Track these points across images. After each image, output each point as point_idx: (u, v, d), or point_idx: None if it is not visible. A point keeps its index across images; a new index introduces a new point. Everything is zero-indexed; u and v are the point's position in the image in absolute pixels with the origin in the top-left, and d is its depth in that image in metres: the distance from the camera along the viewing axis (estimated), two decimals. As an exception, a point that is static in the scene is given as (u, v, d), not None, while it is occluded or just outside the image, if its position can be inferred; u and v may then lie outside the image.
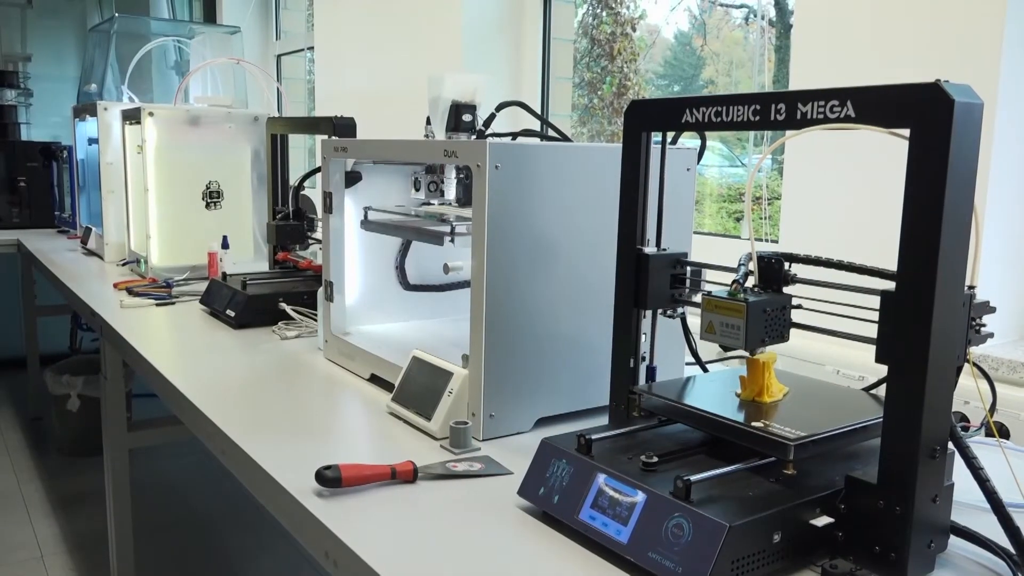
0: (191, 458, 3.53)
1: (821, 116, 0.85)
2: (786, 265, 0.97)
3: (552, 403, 1.28)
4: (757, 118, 0.92)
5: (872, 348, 0.82)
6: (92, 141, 3.13)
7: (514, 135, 1.54)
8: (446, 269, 1.31)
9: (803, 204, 1.78)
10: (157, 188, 2.48)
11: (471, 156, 1.16)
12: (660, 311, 1.12)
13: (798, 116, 0.87)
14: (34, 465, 3.63)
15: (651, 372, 1.14)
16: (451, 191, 1.37)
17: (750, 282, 0.96)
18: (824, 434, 0.88)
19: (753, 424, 0.90)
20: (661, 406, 1.03)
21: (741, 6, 2.72)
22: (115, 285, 2.36)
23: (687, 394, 1.06)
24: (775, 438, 0.87)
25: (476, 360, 1.20)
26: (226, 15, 4.62)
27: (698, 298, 1.13)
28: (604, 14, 3.19)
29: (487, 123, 1.30)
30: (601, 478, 0.90)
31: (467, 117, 1.32)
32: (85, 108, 3.09)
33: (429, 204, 1.70)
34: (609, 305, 1.31)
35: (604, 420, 1.30)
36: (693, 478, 0.82)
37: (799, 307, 0.96)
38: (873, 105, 0.80)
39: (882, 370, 0.81)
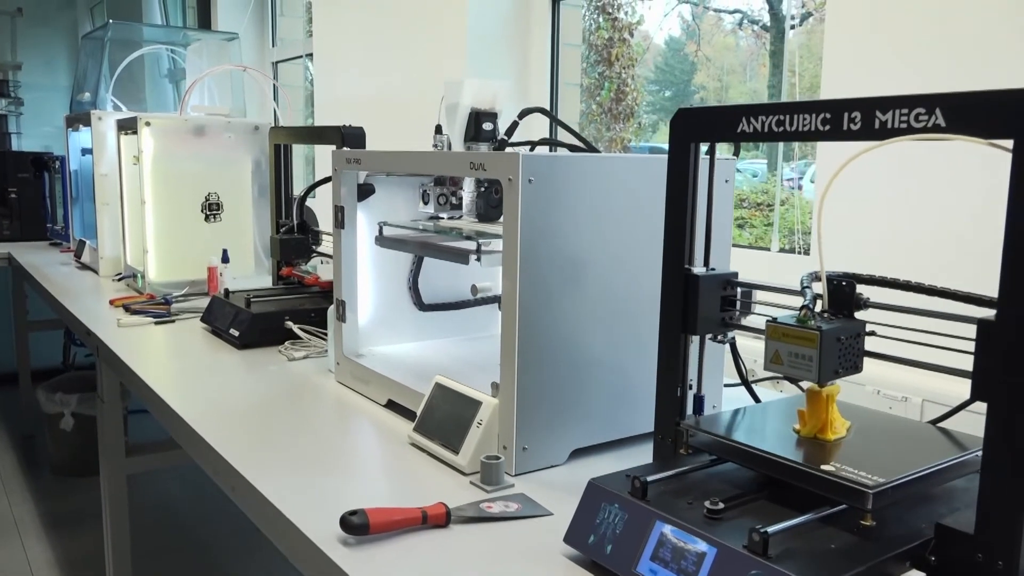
0: (190, 477, 3.43)
1: (904, 126, 0.77)
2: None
3: (587, 433, 1.19)
4: (827, 128, 0.83)
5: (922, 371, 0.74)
6: (86, 151, 3.03)
7: (532, 144, 1.45)
8: (474, 291, 1.22)
9: (838, 216, 1.70)
10: (154, 200, 2.39)
11: (501, 169, 1.08)
12: (709, 336, 1.04)
13: (876, 126, 0.79)
14: (26, 486, 3.52)
15: (698, 402, 1.05)
16: (468, 204, 1.28)
17: (817, 306, 0.88)
18: (904, 479, 0.80)
19: (823, 468, 0.82)
20: (714, 444, 0.94)
21: (735, 11, 2.68)
22: (111, 302, 2.27)
23: (740, 429, 0.98)
24: (851, 485, 0.78)
25: (508, 388, 1.11)
26: (221, 22, 4.53)
27: (748, 321, 1.06)
28: (601, 20, 3.13)
29: (509, 132, 1.22)
30: (662, 527, 0.81)
31: (488, 126, 1.23)
32: (78, 117, 3.00)
33: (439, 218, 1.61)
34: (645, 327, 1.22)
35: (640, 451, 1.22)
36: (770, 530, 0.74)
37: (872, 334, 0.88)
38: (968, 113, 0.72)
39: (932, 391, 0.73)
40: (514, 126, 1.22)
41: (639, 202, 1.19)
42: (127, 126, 2.48)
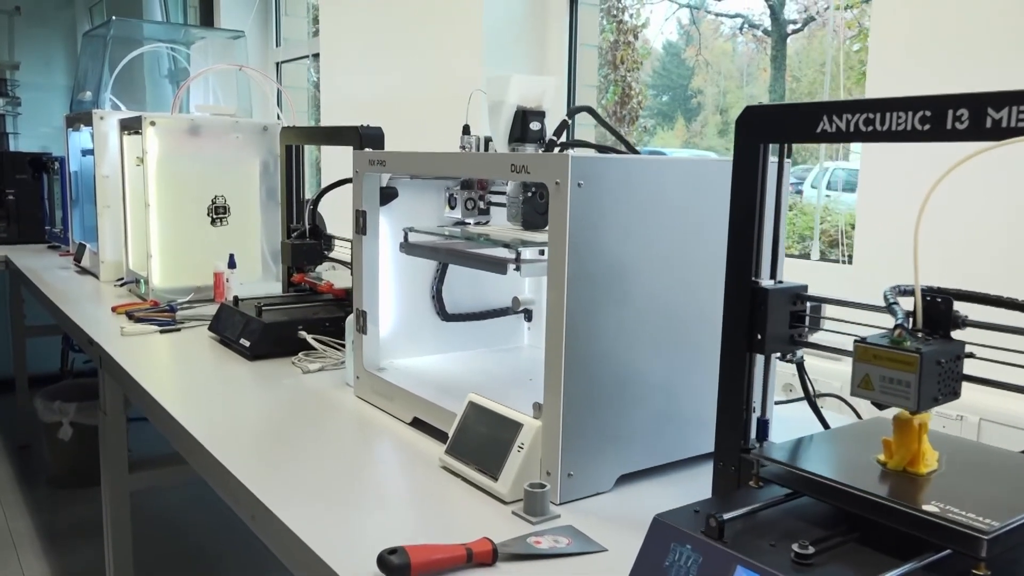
0: (194, 488, 3.33)
1: None
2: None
3: (634, 457, 1.10)
4: (926, 127, 0.75)
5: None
6: (86, 152, 2.94)
7: (564, 145, 1.36)
8: (516, 304, 1.14)
9: (881, 223, 1.61)
10: (159, 203, 2.30)
11: (548, 172, 0.99)
12: (776, 355, 0.95)
13: (988, 125, 0.70)
14: (22, 498, 3.41)
15: (763, 426, 0.97)
16: (513, 211, 1.18)
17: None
18: (1022, 522, 0.71)
19: (926, 509, 0.73)
20: (792, 477, 0.85)
21: (736, 15, 2.63)
22: (114, 309, 2.18)
23: (816, 459, 0.89)
24: (962, 529, 0.69)
25: (552, 410, 1.02)
26: (224, 21, 4.44)
27: (816, 338, 0.97)
28: (606, 22, 3.07)
29: (558, 132, 1.13)
30: (745, 574, 0.72)
31: (535, 126, 1.14)
32: (79, 117, 2.90)
33: (465, 224, 1.53)
34: (695, 343, 1.14)
35: (689, 476, 1.14)
36: (877, 582, 0.65)
37: (971, 356, 0.79)
38: (1104, 110, 0.64)
39: (989, 409, 0.64)
40: (563, 126, 1.13)
41: (692, 208, 1.10)
42: (130, 126, 2.39)
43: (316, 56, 4.07)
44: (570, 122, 1.14)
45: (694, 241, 1.11)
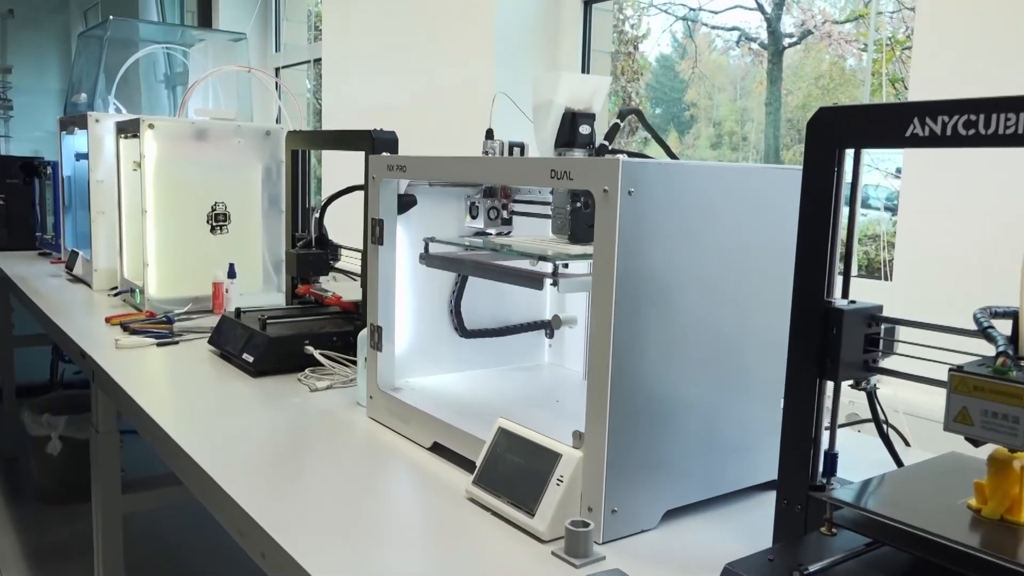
0: (191, 506, 3.21)
1: None
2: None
3: (681, 490, 1.01)
4: (1041, 130, 0.66)
5: None
6: (80, 156, 2.84)
7: (597, 151, 1.27)
8: (557, 322, 1.04)
9: (923, 240, 1.53)
10: (156, 209, 2.20)
11: (595, 178, 0.90)
12: (849, 383, 0.86)
13: (1120, 127, 0.62)
14: (8, 514, 3.28)
15: (831, 461, 0.88)
16: (560, 223, 1.09)
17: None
18: None
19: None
20: (870, 524, 0.76)
21: (733, 28, 2.58)
22: (107, 319, 2.08)
23: (894, 502, 0.79)
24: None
25: (596, 439, 0.93)
26: (223, 25, 4.35)
27: (888, 363, 0.88)
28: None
29: (610, 136, 1.04)
30: (841, 639, 0.63)
31: (585, 129, 1.05)
32: (73, 120, 2.80)
33: (487, 234, 1.44)
34: (746, 367, 1.05)
35: (739, 511, 1.05)
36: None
37: (1085, 388, 0.70)
38: None
39: None
40: (615, 129, 1.04)
41: (743, 220, 1.01)
42: (127, 129, 2.29)
43: (317, 62, 3.98)
44: (620, 124, 1.05)
45: (743, 256, 1.03)
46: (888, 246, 1.97)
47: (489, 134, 1.29)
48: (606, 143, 1.03)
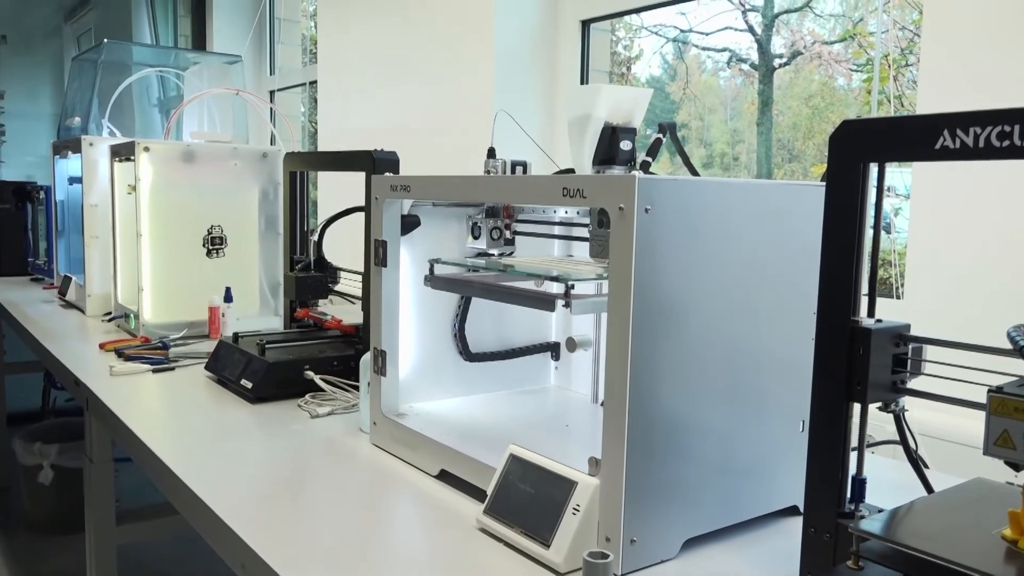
0: (185, 537, 3.15)
1: None
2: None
3: (701, 519, 0.98)
4: (1081, 141, 0.64)
5: None
6: (74, 180, 2.81)
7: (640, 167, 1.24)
8: (572, 345, 1.01)
9: (934, 256, 1.51)
10: (151, 233, 2.16)
11: (609, 195, 0.88)
12: (877, 405, 0.83)
13: None
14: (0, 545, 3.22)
15: (859, 487, 0.84)
16: (598, 247, 1.04)
17: None
18: None
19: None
20: (901, 558, 0.73)
21: (723, 49, 2.59)
22: (101, 345, 2.03)
23: (924, 533, 0.76)
24: None
25: (614, 466, 0.90)
26: (217, 48, 4.34)
27: (915, 384, 0.85)
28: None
29: (652, 151, 1.00)
30: None
31: (626, 145, 1.01)
32: (67, 144, 2.77)
33: (489, 255, 1.41)
34: (763, 389, 1.02)
35: (759, 538, 1.01)
36: None
37: None
38: None
39: None
40: (658, 144, 1.01)
41: (760, 239, 0.99)
42: (122, 152, 2.26)
43: (312, 84, 3.97)
44: (662, 139, 1.01)
45: (761, 274, 1.00)
46: (887, 264, 1.95)
47: (491, 153, 1.26)
48: (649, 159, 1.00)
